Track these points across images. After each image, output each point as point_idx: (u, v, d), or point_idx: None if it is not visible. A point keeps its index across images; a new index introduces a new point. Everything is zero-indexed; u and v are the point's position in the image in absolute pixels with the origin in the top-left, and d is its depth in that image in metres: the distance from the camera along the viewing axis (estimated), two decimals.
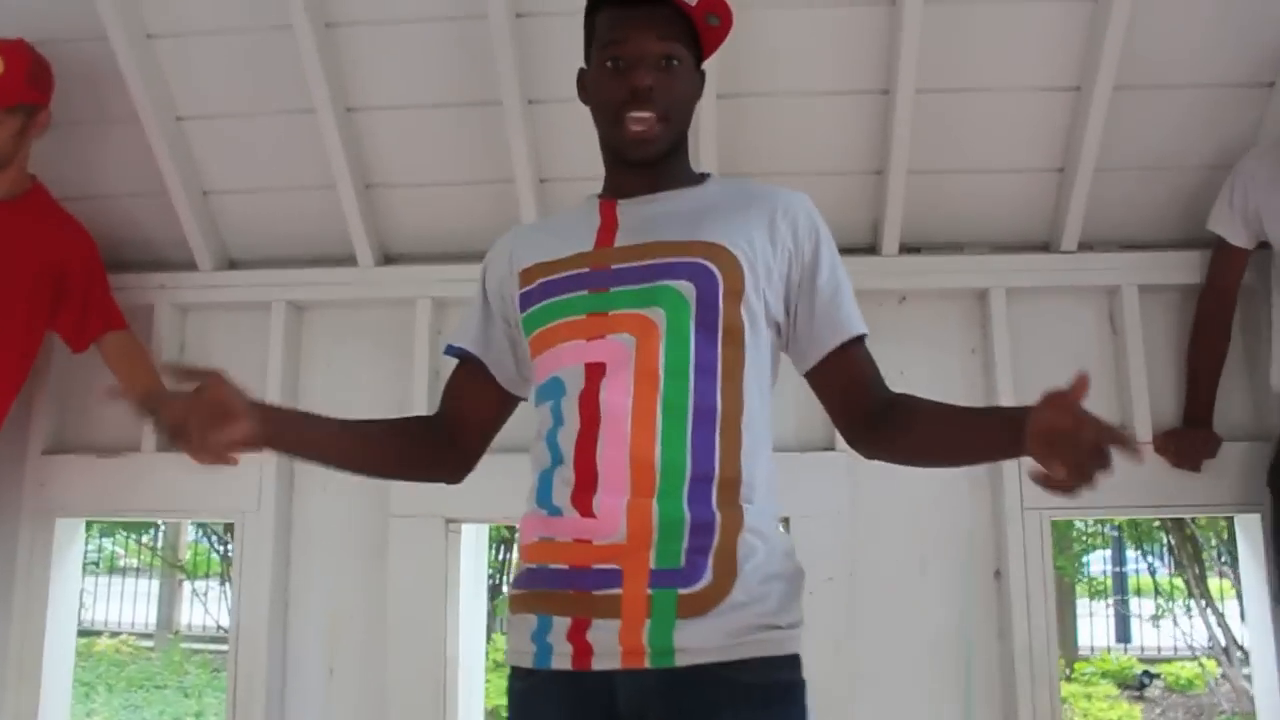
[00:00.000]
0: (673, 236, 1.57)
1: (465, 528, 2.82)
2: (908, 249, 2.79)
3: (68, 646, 2.93)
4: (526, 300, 1.63)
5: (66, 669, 2.93)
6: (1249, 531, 2.65)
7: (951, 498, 2.69)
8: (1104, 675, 7.11)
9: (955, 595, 2.67)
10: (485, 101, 2.66)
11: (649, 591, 1.43)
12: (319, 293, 2.92)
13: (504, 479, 1.72)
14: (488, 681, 6.33)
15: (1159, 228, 2.76)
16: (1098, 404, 2.66)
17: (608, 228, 1.63)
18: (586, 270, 1.58)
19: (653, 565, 1.44)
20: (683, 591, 1.43)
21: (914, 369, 2.73)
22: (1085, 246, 2.73)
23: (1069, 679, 7.14)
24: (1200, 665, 7.09)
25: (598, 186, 2.88)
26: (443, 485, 1.75)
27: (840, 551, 2.63)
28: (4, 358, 2.59)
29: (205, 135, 2.81)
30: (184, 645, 8.72)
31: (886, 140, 2.63)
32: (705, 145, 2.62)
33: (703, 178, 1.72)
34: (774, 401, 1.64)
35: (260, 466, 2.82)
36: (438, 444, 1.72)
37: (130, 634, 9.32)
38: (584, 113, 2.64)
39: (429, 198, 2.86)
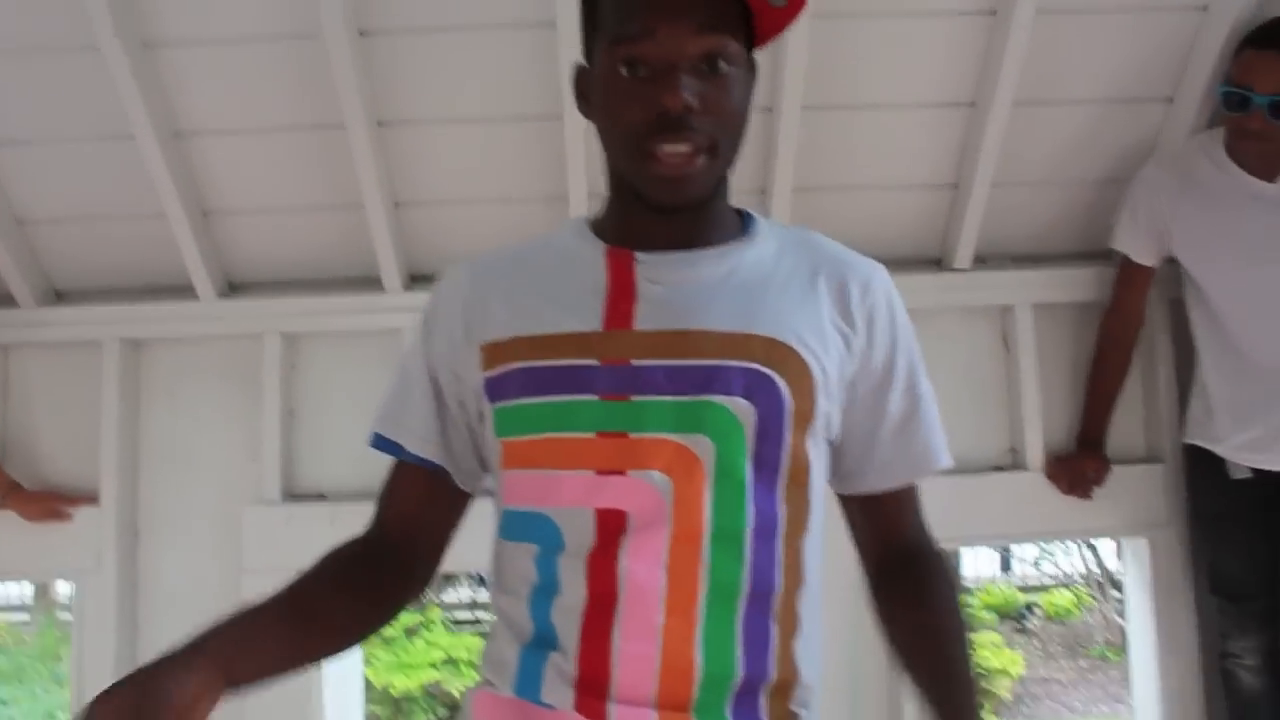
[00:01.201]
0: (720, 324, 1.10)
1: None
2: None
3: None
4: (496, 390, 1.13)
5: None
6: (1138, 555, 2.61)
7: (839, 527, 2.59)
8: (988, 608, 7.32)
9: (841, 627, 2.56)
10: (328, 124, 2.39)
11: None
12: (156, 329, 2.64)
13: None
14: None
15: (1054, 241, 2.65)
16: (990, 426, 2.64)
17: (622, 296, 1.12)
18: (594, 364, 1.09)
19: None
20: None
21: None
22: (980, 261, 2.61)
23: None
24: (1075, 595, 7.35)
25: (461, 213, 2.63)
26: (299, 538, 1.31)
27: None
28: None
29: (13, 161, 2.48)
30: (64, 616, 8.20)
31: (770, 158, 2.45)
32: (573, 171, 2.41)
33: (745, 220, 1.21)
34: None
35: (99, 519, 2.58)
36: (396, 579, 1.21)
37: (3, 609, 8.85)
38: (440, 135, 2.47)
39: (272, 224, 2.60)
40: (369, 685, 5.80)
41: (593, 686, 1.06)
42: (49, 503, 2.58)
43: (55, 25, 2.27)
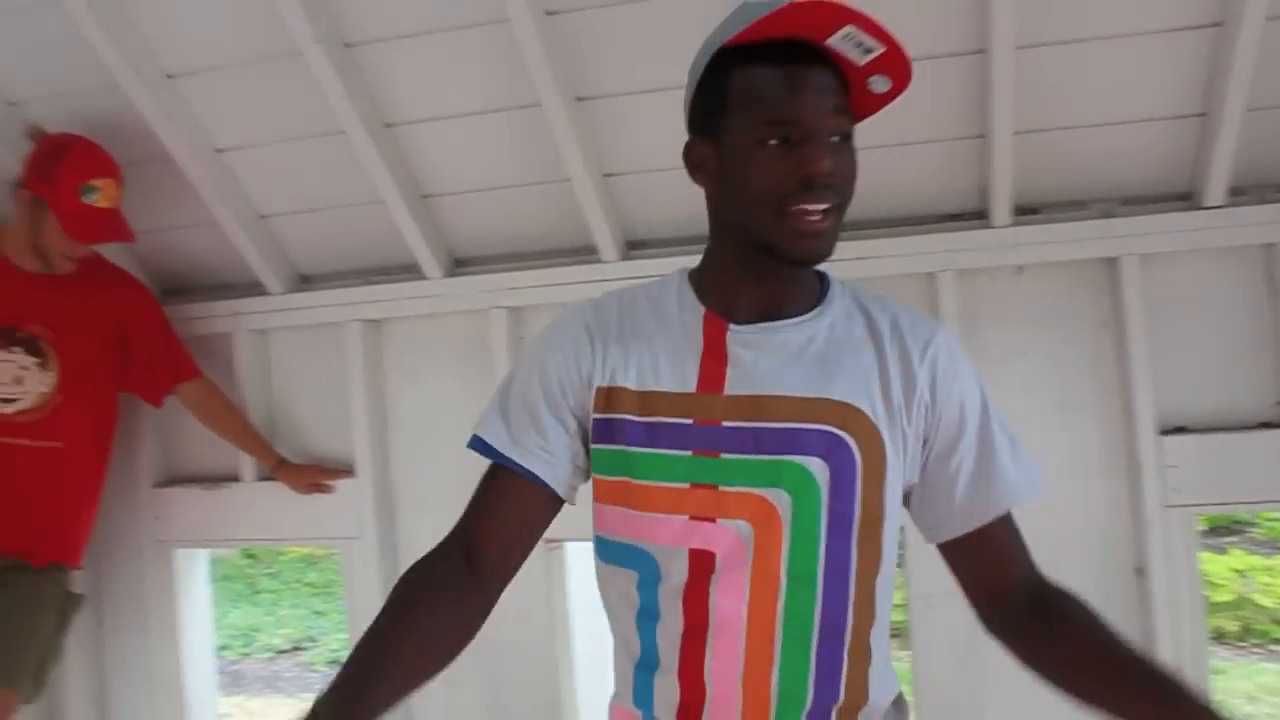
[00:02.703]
0: (799, 389, 1.26)
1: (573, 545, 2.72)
2: (1024, 210, 2.44)
3: (207, 671, 3.06)
4: (604, 433, 1.31)
5: (210, 692, 3.06)
6: None
7: (1081, 495, 2.43)
8: None
9: (1091, 596, 2.41)
10: (527, 104, 2.41)
11: None
12: (391, 309, 2.81)
13: None
14: None
15: None
16: (1254, 378, 2.38)
17: (714, 362, 1.29)
18: (689, 423, 1.28)
19: None
20: None
21: (1034, 349, 2.47)
22: (1236, 194, 2.32)
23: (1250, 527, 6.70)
24: None
25: (668, 180, 2.63)
26: None
27: None
28: (84, 428, 2.62)
29: (248, 163, 2.68)
30: None
31: (986, 102, 2.26)
32: None
33: (822, 282, 1.37)
34: None
35: (359, 492, 2.80)
36: (470, 604, 1.33)
37: None
38: (643, 105, 2.42)
39: (488, 202, 2.67)
40: None
41: (691, 706, 1.28)
42: (313, 475, 2.82)
43: (262, 38, 2.41)
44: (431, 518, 2.79)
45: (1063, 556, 2.39)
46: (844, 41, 1.21)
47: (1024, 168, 2.34)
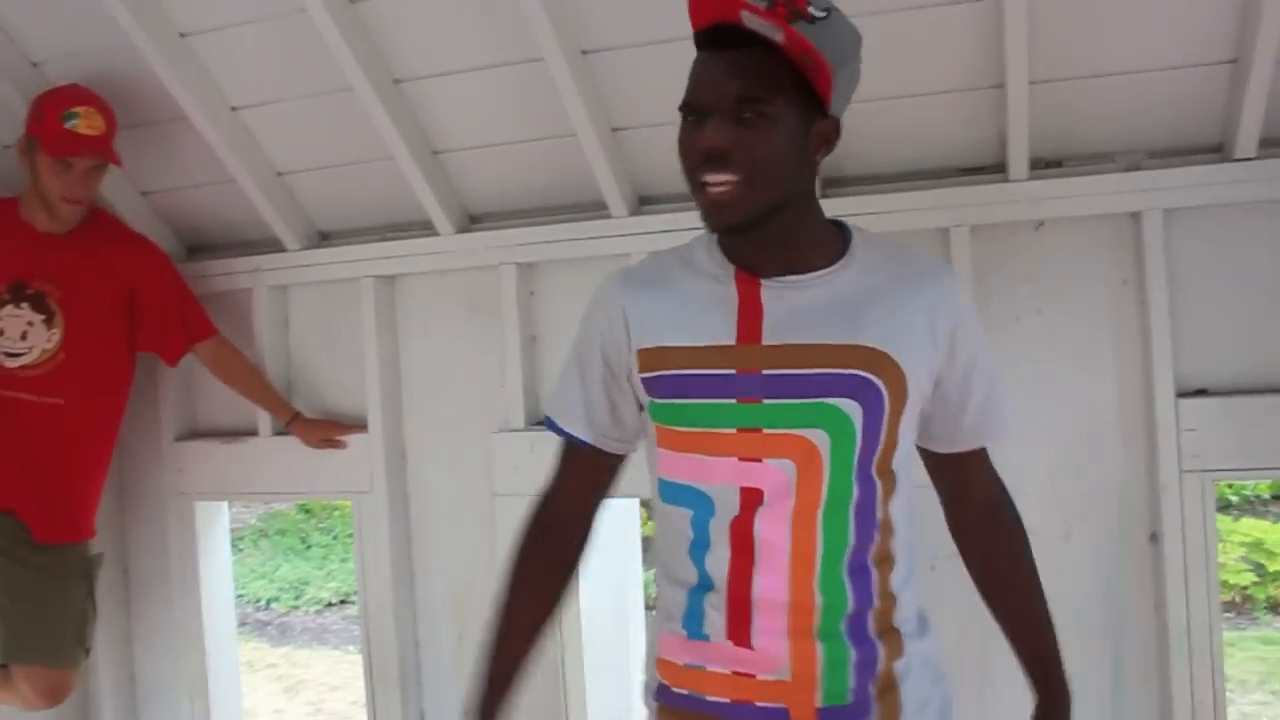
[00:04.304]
0: (831, 338, 1.38)
1: None
2: (1046, 163, 2.36)
3: (227, 617, 3.13)
4: (654, 388, 1.44)
5: (230, 640, 3.12)
6: None
7: (1098, 458, 2.36)
8: None
9: (1104, 562, 2.37)
10: (532, 58, 2.38)
11: None
12: (404, 265, 2.82)
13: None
14: None
15: None
16: None
17: (751, 316, 1.40)
18: (732, 373, 1.39)
19: (820, 704, 1.41)
20: None
21: (1054, 306, 2.39)
22: (1269, 144, 2.21)
23: None
24: None
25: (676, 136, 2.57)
26: (542, 465, 1.61)
27: None
28: (87, 386, 2.65)
29: (263, 121, 2.69)
30: None
31: (999, 51, 2.18)
32: None
33: (842, 237, 1.46)
34: None
35: (369, 448, 2.82)
36: (578, 550, 1.59)
37: None
38: (650, 57, 2.38)
39: (498, 158, 2.65)
40: None
41: (739, 619, 1.40)
42: (326, 430, 2.84)
43: None
44: (441, 471, 2.82)
45: (1077, 519, 2.38)
46: (754, 22, 1.27)
47: (1046, 119, 2.26)
